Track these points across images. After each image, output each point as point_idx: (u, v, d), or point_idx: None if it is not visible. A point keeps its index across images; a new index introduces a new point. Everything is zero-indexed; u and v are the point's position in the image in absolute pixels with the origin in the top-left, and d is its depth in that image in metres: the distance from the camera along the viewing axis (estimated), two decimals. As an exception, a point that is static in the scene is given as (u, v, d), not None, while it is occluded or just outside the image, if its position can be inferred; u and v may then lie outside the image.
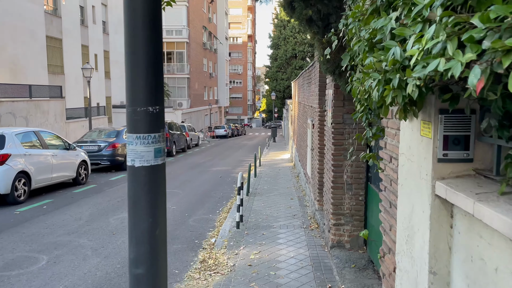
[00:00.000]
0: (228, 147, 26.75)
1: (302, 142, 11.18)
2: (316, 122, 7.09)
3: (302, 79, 10.72)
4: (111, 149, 13.72)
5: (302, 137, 11.02)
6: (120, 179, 12.18)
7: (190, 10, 39.99)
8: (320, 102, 6.77)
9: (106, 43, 28.58)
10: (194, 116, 41.41)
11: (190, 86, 40.76)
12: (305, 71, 9.53)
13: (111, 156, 13.70)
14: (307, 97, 9.13)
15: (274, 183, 10.88)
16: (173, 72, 40.22)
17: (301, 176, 11.00)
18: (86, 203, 8.71)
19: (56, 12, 22.20)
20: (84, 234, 6.41)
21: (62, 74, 22.53)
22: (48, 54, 21.06)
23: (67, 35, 22.94)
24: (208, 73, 49.10)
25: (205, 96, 47.92)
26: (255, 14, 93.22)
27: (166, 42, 39.35)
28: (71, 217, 7.44)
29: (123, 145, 14.27)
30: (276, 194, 9.32)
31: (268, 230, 6.32)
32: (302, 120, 11.21)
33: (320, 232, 6.14)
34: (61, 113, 17.41)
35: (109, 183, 11.43)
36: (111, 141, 13.91)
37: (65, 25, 22.75)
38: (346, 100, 5.02)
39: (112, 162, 13.84)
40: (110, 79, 29.29)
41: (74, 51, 23.73)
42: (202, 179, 12.44)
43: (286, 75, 40.35)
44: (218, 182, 11.86)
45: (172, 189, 10.57)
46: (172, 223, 7.12)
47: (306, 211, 7.61)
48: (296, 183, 10.93)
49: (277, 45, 40.68)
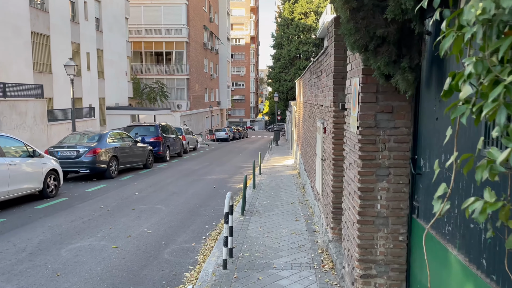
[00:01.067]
0: (227, 151, 25.11)
1: (308, 148, 9.52)
2: (330, 126, 5.44)
3: (309, 74, 9.07)
4: (91, 155, 12.11)
5: (309, 142, 9.36)
6: (98, 191, 10.56)
7: (190, 9, 38.48)
8: (335, 98, 5.13)
9: (100, 41, 27.06)
10: (194, 118, 39.82)
11: (190, 87, 39.20)
12: (313, 63, 7.88)
13: (91, 163, 12.09)
14: (315, 94, 7.48)
15: (275, 197, 9.22)
16: (172, 72, 38.70)
17: (307, 188, 9.34)
18: (42, 224, 7.08)
19: (43, 7, 20.69)
20: (17, 276, 4.76)
21: (49, 73, 20.99)
22: (33, 51, 19.54)
23: (55, 32, 21.42)
24: (209, 74, 47.55)
25: (206, 98, 46.35)
26: (258, 15, 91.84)
27: (165, 42, 37.90)
28: (13, 247, 5.81)
29: (107, 151, 12.66)
30: (277, 212, 7.66)
31: (265, 272, 4.66)
32: (308, 123, 9.56)
33: (337, 277, 4.48)
34: (42, 115, 15.83)
35: (83, 196, 9.81)
36: (92, 146, 12.31)
37: (53, 20, 21.23)
38: (381, 93, 3.37)
39: (92, 170, 12.23)
40: (104, 79, 27.75)
41: (64, 49, 22.19)
42: (193, 190, 10.80)
43: (290, 76, 38.64)
44: (211, 194, 10.21)
45: (154, 204, 8.93)
46: (141, 257, 5.47)
47: (316, 239, 5.94)
48: (302, 196, 9.27)
49: (280, 44, 39.00)
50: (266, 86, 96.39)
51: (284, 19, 38.66)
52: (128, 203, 8.93)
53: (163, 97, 35.97)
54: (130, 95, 32.88)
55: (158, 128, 18.22)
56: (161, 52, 38.64)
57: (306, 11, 37.92)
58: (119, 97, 30.28)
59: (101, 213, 8.02)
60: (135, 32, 37.63)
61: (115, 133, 13.93)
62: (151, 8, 37.51)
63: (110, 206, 8.65)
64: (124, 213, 7.98)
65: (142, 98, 35.83)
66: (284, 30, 38.40)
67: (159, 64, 38.92)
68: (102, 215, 7.80)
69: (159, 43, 38.08)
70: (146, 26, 37.75)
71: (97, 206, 8.64)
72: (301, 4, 37.98)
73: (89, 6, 25.35)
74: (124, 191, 10.46)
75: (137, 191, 10.43)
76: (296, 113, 16.58)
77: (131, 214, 7.90)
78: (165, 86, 36.80)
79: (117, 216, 7.73)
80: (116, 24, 29.44)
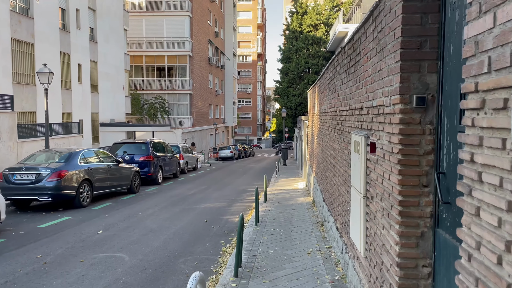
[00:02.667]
0: (230, 172, 22.61)
1: (329, 172, 7.02)
2: (387, 139, 2.97)
3: (332, 72, 6.66)
4: (55, 179, 9.69)
5: (330, 164, 6.87)
6: (53, 227, 8.11)
7: (193, 22, 36.74)
8: (405, 87, 2.67)
9: (94, 53, 25.12)
10: (197, 135, 37.53)
11: (193, 103, 37.08)
12: (342, 50, 5.48)
13: (54, 189, 9.67)
14: (347, 94, 5.03)
15: (285, 240, 6.67)
16: (174, 88, 36.69)
17: (328, 227, 6.80)
18: None
19: (28, 12, 18.79)
20: None
21: (33, 84, 18.91)
22: (13, 60, 17.52)
23: (41, 40, 19.45)
24: (214, 90, 45.55)
25: (210, 115, 44.20)
26: (265, 33, 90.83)
27: (167, 55, 36.05)
28: None
29: (76, 173, 10.27)
30: (289, 272, 5.11)
31: None
32: (329, 138, 7.09)
33: None
34: (11, 130, 13.56)
35: (28, 235, 7.35)
36: (56, 168, 9.91)
37: (39, 27, 19.29)
38: None
39: (55, 198, 9.79)
40: (97, 93, 25.68)
41: (51, 59, 20.11)
42: (177, 226, 8.30)
43: (298, 91, 36.34)
44: (199, 233, 7.70)
45: (116, 250, 6.42)
46: None
47: None
48: (322, 240, 6.71)
49: (288, 58, 36.88)
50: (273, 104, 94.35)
51: (292, 31, 36.70)
52: (80, 250, 6.44)
53: (164, 113, 33.83)
54: (128, 111, 30.74)
55: (149, 146, 15.85)
56: (163, 66, 36.76)
57: (316, 23, 35.93)
58: (115, 113, 28.15)
59: (32, 267, 5.54)
60: (136, 46, 35.87)
61: (91, 152, 11.57)
62: (152, 20, 35.83)
63: (52, 254, 6.17)
64: (64, 269, 5.49)
65: (142, 114, 33.72)
66: (292, 43, 36.38)
67: (161, 78, 36.99)
68: (31, 273, 5.32)
69: (161, 57, 36.24)
70: (148, 40, 36.01)
71: (34, 254, 6.16)
72: (310, 16, 36.04)
73: (82, 14, 23.49)
74: (86, 228, 7.98)
75: (102, 228, 7.95)
76: (308, 128, 14.14)
77: (73, 272, 5.40)
78: (166, 101, 34.70)
79: (52, 275, 5.24)
80: (113, 35, 27.57)
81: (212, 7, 44.33)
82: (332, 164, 6.71)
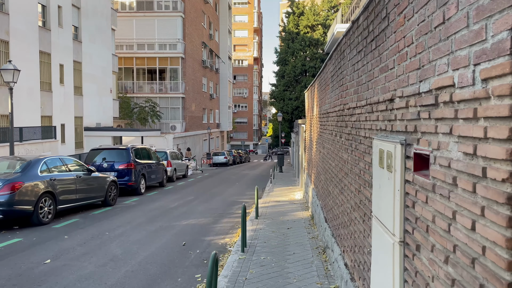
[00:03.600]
0: (222, 179, 21.10)
1: (334, 187, 5.56)
2: (479, 153, 1.51)
3: (338, 60, 5.24)
4: (7, 192, 8.18)
5: (335, 178, 5.41)
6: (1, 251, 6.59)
7: (186, 23, 35.36)
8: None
9: (78, 53, 23.64)
10: (190, 141, 35.98)
11: (186, 107, 35.60)
12: (355, 23, 4.07)
13: (5, 205, 8.14)
14: (363, 85, 3.59)
15: (278, 277, 5.20)
16: (166, 91, 35.19)
17: (333, 259, 5.34)
18: None
19: (2, 8, 17.34)
20: None
21: (6, 86, 17.39)
22: (-16, 59, 16.05)
23: (17, 37, 17.98)
24: (208, 93, 44.10)
25: (204, 119, 42.71)
26: (261, 37, 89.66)
27: (158, 57, 34.59)
28: None
29: (35, 185, 8.76)
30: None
31: None
32: (332, 145, 5.64)
33: None
34: (-31, 135, 12.05)
35: (-45, 267, 5.84)
36: (10, 179, 8.39)
37: (15, 24, 17.83)
38: None
39: (6, 215, 8.26)
40: (82, 95, 24.18)
41: (28, 59, 18.69)
42: (148, 251, 6.80)
43: (295, 95, 34.94)
44: (172, 262, 6.20)
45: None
46: None
47: None
48: (325, 275, 5.24)
49: (284, 60, 35.52)
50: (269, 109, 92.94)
51: (288, 33, 35.40)
52: (10, 290, 4.95)
53: (155, 117, 32.33)
54: (116, 115, 29.19)
55: (130, 152, 14.35)
56: (154, 68, 35.29)
57: (313, 24, 34.65)
58: (101, 117, 26.61)
59: None
60: (126, 47, 34.42)
61: (57, 160, 10.07)
62: (143, 21, 34.41)
63: (-32, 299, 4.68)
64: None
65: (132, 118, 32.19)
66: (289, 45, 35.05)
67: (152, 81, 35.51)
68: None
69: (152, 59, 34.79)
70: (138, 41, 34.56)
71: None
72: (307, 17, 34.77)
73: (65, 11, 22.04)
74: (33, 255, 6.47)
75: (52, 256, 6.44)
76: (306, 132, 12.71)
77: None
78: (157, 105, 33.22)
79: None
80: (100, 35, 26.10)
81: (206, 9, 43.02)
82: (337, 178, 5.26)
